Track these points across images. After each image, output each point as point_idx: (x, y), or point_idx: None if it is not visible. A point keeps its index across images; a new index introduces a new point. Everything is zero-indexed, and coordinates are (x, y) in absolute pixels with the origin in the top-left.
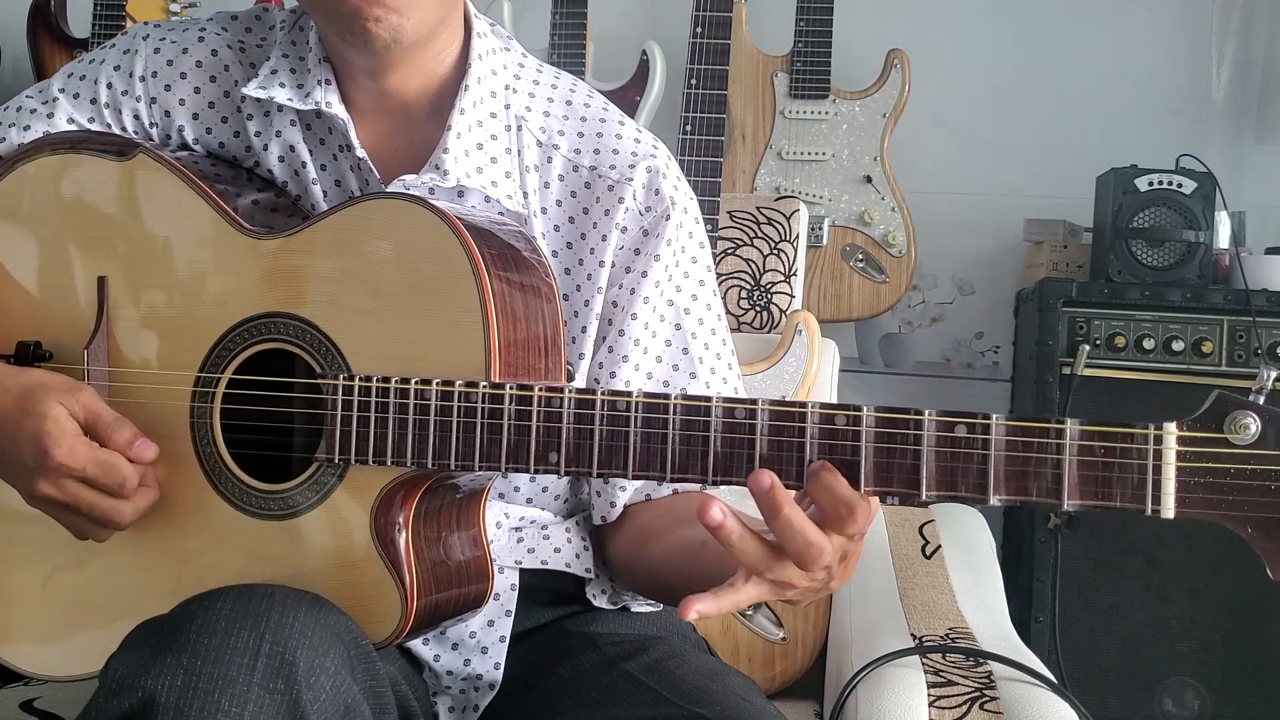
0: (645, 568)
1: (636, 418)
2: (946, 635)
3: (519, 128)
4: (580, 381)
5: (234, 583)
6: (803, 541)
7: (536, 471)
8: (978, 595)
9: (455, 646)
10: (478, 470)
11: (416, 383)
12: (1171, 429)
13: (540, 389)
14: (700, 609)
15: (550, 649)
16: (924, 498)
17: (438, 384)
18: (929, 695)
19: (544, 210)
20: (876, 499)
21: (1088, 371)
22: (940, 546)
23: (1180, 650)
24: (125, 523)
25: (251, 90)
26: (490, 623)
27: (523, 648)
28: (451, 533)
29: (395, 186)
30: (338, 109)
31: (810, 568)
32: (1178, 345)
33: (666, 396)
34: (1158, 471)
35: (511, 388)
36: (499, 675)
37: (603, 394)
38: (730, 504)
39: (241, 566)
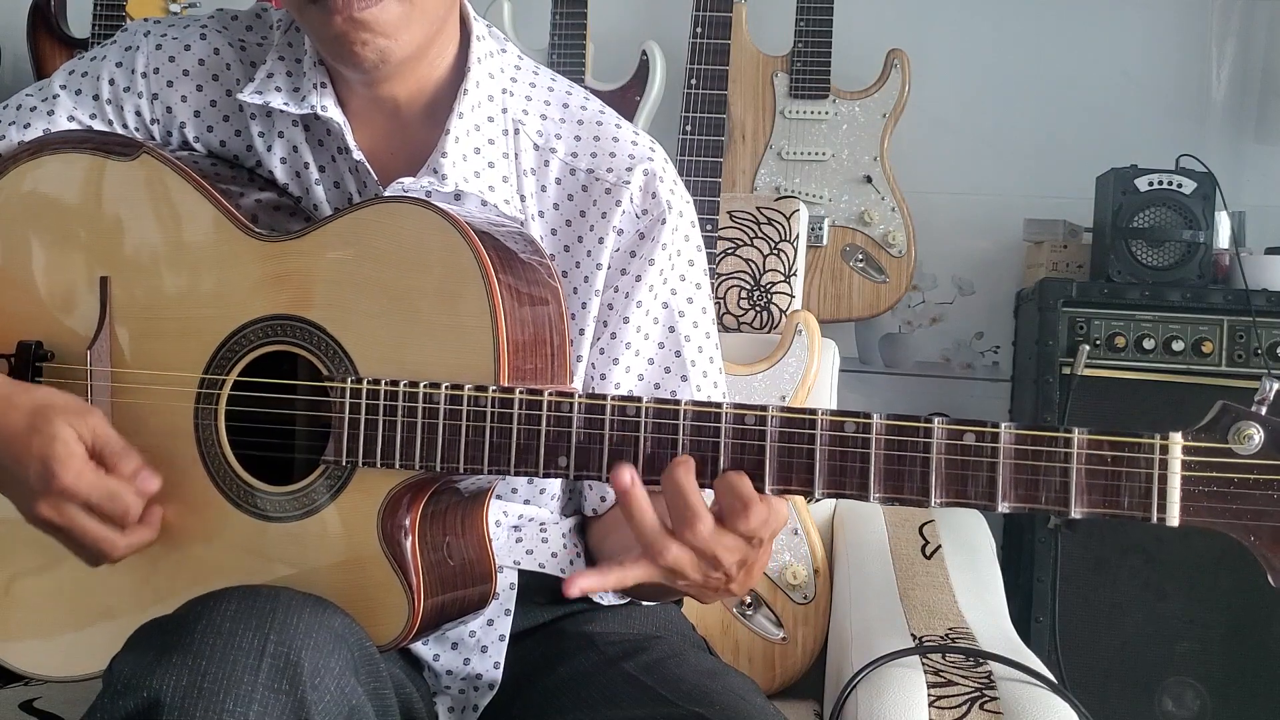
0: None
1: (646, 423)
2: (946, 635)
3: (516, 131)
4: (577, 384)
5: (238, 584)
6: (685, 503)
7: (545, 475)
8: (978, 595)
9: (455, 646)
10: (486, 474)
11: (425, 386)
12: (1177, 438)
13: (550, 394)
14: (583, 585)
15: (549, 648)
16: (933, 504)
17: (447, 388)
18: (929, 695)
19: (541, 214)
20: (784, 502)
21: (1088, 371)
22: (940, 546)
23: (1180, 650)
24: (116, 556)
25: (247, 96)
26: (490, 622)
27: (522, 647)
28: (456, 535)
29: (393, 190)
30: (334, 112)
31: (685, 535)
32: (1178, 345)
33: (677, 403)
34: (1163, 481)
35: (521, 392)
36: (498, 675)
37: (612, 400)
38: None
39: (245, 567)
